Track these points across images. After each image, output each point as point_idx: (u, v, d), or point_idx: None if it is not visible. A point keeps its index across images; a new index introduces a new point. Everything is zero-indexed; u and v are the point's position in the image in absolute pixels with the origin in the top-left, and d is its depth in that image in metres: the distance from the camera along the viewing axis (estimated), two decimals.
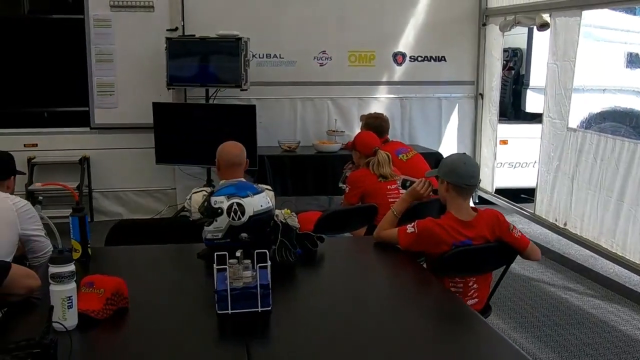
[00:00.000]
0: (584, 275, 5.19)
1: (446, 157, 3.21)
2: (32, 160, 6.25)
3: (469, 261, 2.97)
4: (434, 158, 5.72)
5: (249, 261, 2.29)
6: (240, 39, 5.97)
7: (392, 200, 4.15)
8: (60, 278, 2.08)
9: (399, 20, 6.88)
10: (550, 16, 5.73)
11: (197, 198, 3.52)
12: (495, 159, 6.91)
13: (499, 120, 6.93)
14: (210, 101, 6.31)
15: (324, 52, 6.78)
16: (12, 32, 6.82)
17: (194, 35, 6.17)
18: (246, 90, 6.14)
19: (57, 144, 6.47)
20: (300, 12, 6.65)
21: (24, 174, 3.28)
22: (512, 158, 7.20)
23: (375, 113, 5.61)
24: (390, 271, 3.03)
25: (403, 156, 4.75)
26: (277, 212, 2.87)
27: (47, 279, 2.13)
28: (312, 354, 2.07)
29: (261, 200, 2.82)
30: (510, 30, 6.56)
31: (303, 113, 6.88)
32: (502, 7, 6.62)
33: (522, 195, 7.03)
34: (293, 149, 6.43)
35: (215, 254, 2.32)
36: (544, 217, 5.84)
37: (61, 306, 2.07)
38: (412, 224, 2.96)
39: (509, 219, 3.20)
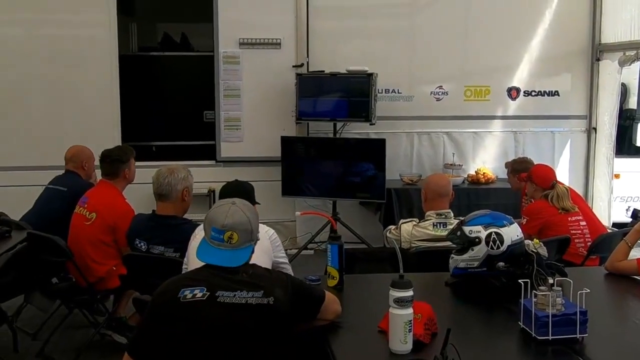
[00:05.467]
0: None
1: None
2: None
3: None
4: None
5: (560, 288, 2.33)
6: (371, 74, 6.12)
7: (573, 232, 4.19)
8: (403, 302, 2.15)
9: (513, 55, 6.98)
10: None
11: (407, 228, 3.61)
12: (611, 192, 6.91)
13: None
14: (337, 135, 6.43)
15: (440, 87, 6.90)
16: (138, 68, 7.06)
17: (323, 71, 6.32)
18: (374, 124, 6.27)
19: None
20: (417, 48, 6.81)
21: (259, 204, 3.35)
22: (625, 192, 7.20)
23: (519, 158, 5.74)
24: None
25: None
26: (526, 242, 2.93)
27: None
28: None
29: (516, 230, 2.89)
30: (630, 65, 6.62)
31: (419, 147, 6.97)
32: (621, 42, 6.68)
33: None
34: (415, 182, 6.49)
35: (521, 281, 2.37)
36: None
37: (403, 330, 2.14)
38: None
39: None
